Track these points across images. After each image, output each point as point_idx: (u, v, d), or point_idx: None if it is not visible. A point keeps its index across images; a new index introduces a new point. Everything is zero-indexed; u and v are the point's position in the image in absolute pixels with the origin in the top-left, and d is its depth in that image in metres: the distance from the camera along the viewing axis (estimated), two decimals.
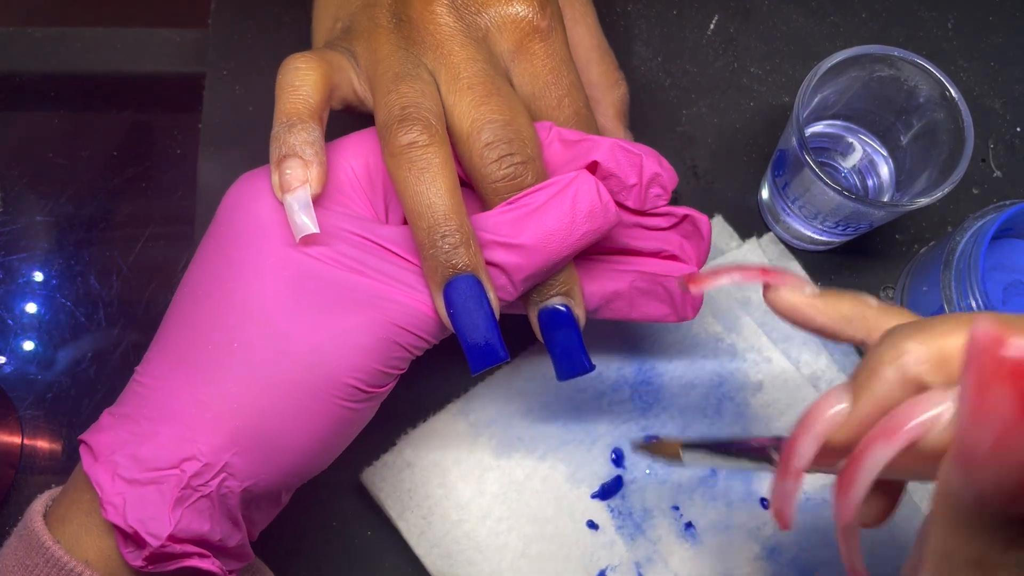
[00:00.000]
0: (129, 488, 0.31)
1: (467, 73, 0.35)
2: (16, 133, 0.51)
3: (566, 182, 0.33)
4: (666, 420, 0.43)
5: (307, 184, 0.33)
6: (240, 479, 0.32)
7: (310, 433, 0.33)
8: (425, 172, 0.32)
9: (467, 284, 0.32)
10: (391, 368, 0.34)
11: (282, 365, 0.32)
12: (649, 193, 0.36)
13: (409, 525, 0.42)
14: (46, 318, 0.48)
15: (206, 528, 0.31)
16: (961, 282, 0.41)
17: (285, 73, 0.35)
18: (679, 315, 0.38)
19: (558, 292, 0.35)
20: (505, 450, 0.43)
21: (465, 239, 0.32)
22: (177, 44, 0.52)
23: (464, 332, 0.33)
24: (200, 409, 0.32)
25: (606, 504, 0.43)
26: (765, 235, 0.47)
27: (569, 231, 0.33)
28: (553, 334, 0.35)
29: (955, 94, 0.41)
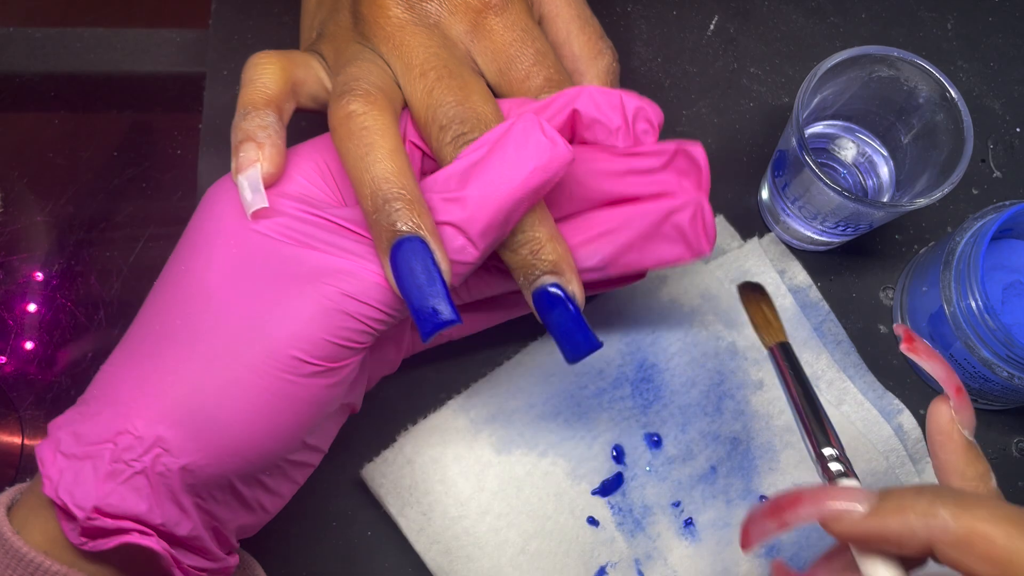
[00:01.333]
0: (66, 463, 0.31)
1: (418, 60, 0.35)
2: (16, 133, 0.51)
3: (507, 126, 0.33)
4: (666, 417, 0.43)
5: (257, 163, 0.33)
6: (176, 455, 0.31)
7: (250, 408, 0.31)
8: (362, 139, 0.32)
9: (411, 247, 0.31)
10: (341, 340, 0.32)
11: (219, 338, 0.31)
12: (637, 130, 0.35)
13: (409, 521, 0.42)
14: (46, 318, 0.48)
15: (142, 508, 0.31)
16: (961, 282, 0.41)
17: (246, 69, 0.35)
18: (695, 251, 0.36)
19: (545, 270, 0.34)
20: (505, 446, 0.43)
21: (409, 202, 0.31)
22: (177, 44, 0.52)
23: (409, 296, 0.31)
24: (137, 386, 0.31)
25: (606, 501, 0.43)
26: (766, 235, 0.47)
27: (515, 172, 0.32)
28: (549, 316, 0.34)
29: (955, 95, 0.41)
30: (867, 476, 0.43)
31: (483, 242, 0.33)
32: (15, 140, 0.51)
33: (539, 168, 0.32)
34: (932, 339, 0.44)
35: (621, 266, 0.36)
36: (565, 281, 0.34)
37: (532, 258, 0.34)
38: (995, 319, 0.39)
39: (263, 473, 0.34)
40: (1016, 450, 0.46)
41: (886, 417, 0.44)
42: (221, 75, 0.50)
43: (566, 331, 0.34)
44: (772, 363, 0.36)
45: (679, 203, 0.35)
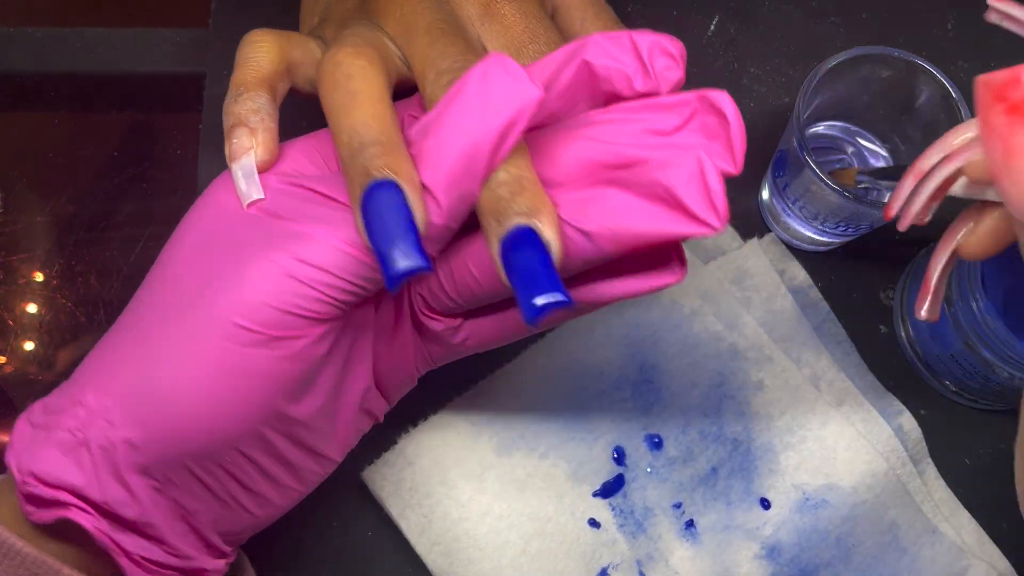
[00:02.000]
0: (30, 431, 0.31)
1: (422, 22, 0.33)
2: (16, 133, 0.51)
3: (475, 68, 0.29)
4: (667, 418, 0.43)
5: (251, 151, 0.32)
6: (119, 428, 0.30)
7: (192, 379, 0.30)
8: (347, 86, 0.30)
9: (384, 192, 0.28)
10: (291, 308, 0.29)
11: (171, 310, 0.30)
12: (657, 68, 0.30)
13: (410, 523, 0.42)
14: (46, 318, 0.48)
15: (80, 481, 0.30)
16: (961, 283, 0.41)
17: (241, 47, 0.35)
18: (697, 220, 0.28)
19: (519, 212, 0.29)
20: (506, 448, 0.43)
21: (386, 147, 0.29)
22: (177, 44, 0.52)
23: (375, 239, 0.28)
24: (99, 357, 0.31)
25: (607, 502, 0.43)
26: (766, 235, 0.47)
27: (480, 116, 0.28)
28: (514, 260, 0.28)
29: (955, 94, 0.41)
30: (867, 477, 0.43)
31: (446, 198, 0.29)
32: (15, 140, 0.51)
33: (501, 106, 0.28)
34: (932, 339, 0.44)
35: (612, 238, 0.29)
36: (541, 226, 0.29)
37: (508, 198, 0.29)
38: (995, 319, 0.39)
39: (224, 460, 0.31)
40: None
41: (886, 418, 0.44)
42: (221, 75, 0.50)
43: (531, 276, 0.28)
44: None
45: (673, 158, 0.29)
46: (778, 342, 0.45)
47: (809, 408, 0.44)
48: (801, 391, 0.44)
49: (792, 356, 0.45)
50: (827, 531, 0.42)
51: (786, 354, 0.45)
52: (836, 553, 0.42)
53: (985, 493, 0.45)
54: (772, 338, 0.45)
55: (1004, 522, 0.44)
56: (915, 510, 0.43)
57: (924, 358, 0.45)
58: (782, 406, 0.44)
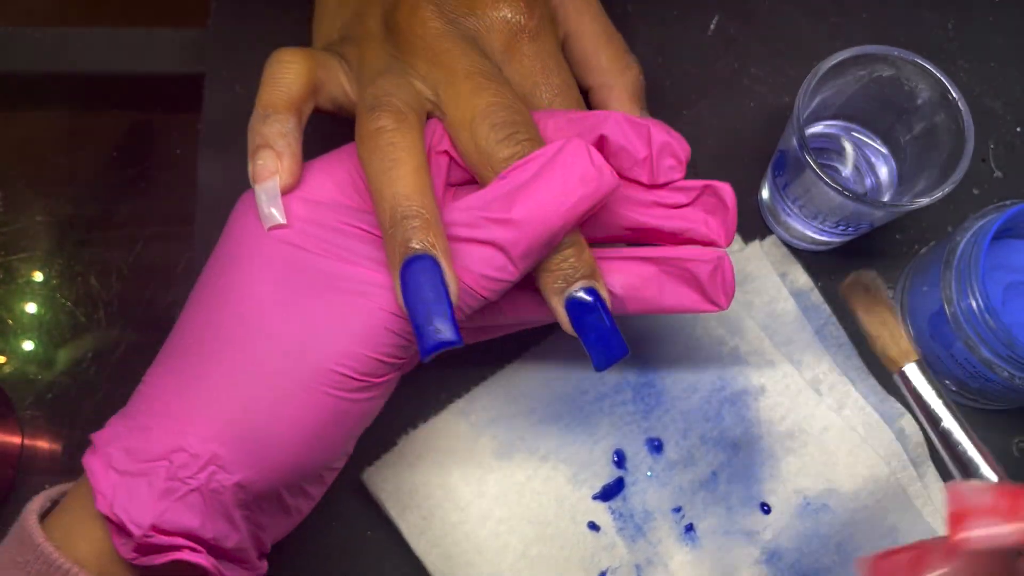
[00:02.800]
0: (120, 479, 0.31)
1: (462, 65, 0.35)
2: (16, 133, 0.51)
3: (555, 149, 0.33)
4: (668, 422, 0.43)
5: (276, 176, 0.33)
6: (230, 471, 0.32)
7: (300, 424, 0.32)
8: (389, 155, 0.32)
9: (421, 265, 0.31)
10: (385, 356, 0.33)
11: (267, 355, 0.32)
12: (661, 165, 0.35)
13: (409, 525, 0.42)
14: (46, 318, 0.48)
15: (196, 523, 0.31)
16: (961, 282, 0.41)
17: (270, 65, 0.35)
18: (711, 301, 0.36)
19: (581, 275, 0.34)
20: (506, 451, 0.43)
21: (425, 221, 0.31)
22: (177, 44, 0.52)
23: (414, 314, 0.31)
24: (188, 402, 0.32)
25: (607, 506, 0.42)
26: (768, 238, 0.47)
27: (562, 199, 0.32)
28: (584, 321, 0.34)
29: (955, 94, 0.41)
30: (869, 482, 0.43)
31: (523, 263, 0.33)
32: (15, 140, 0.51)
33: (587, 195, 0.32)
34: (932, 339, 0.44)
35: (636, 303, 0.36)
36: (599, 286, 0.34)
37: (567, 267, 0.34)
38: (996, 319, 0.39)
39: (307, 482, 0.35)
40: (1016, 450, 0.46)
41: (887, 421, 0.44)
42: (221, 75, 0.50)
43: (600, 337, 0.34)
44: (902, 388, 0.34)
45: (699, 257, 0.36)
46: (780, 346, 0.45)
47: (810, 412, 0.44)
48: (802, 395, 0.44)
49: (793, 360, 0.45)
50: (827, 536, 0.42)
51: (787, 358, 0.45)
52: (836, 558, 0.42)
53: None
54: (774, 342, 0.45)
55: None
56: (915, 514, 0.43)
57: (924, 358, 0.45)
58: (783, 410, 0.44)
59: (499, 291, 0.33)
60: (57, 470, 0.46)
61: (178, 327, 0.34)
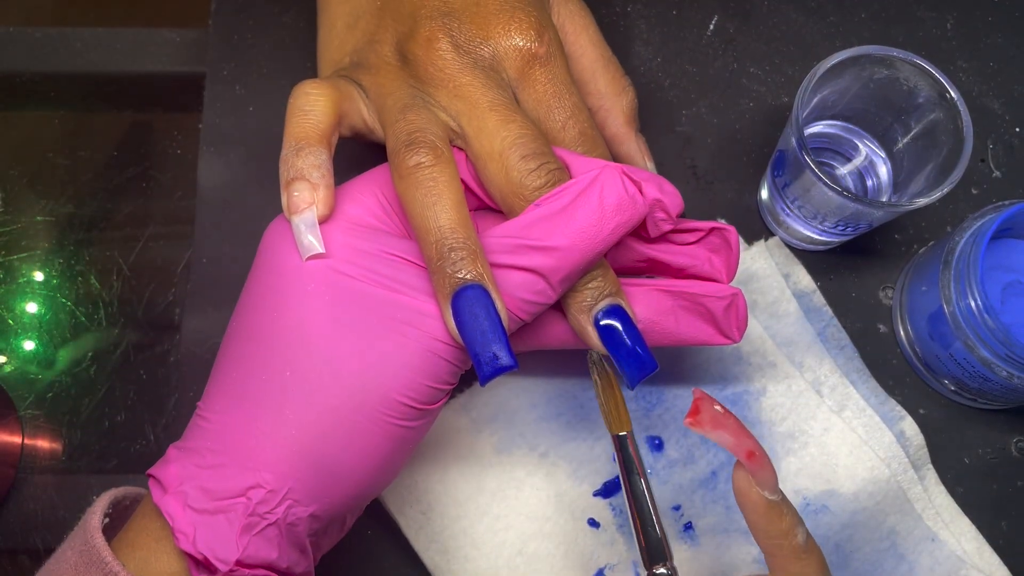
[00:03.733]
0: (199, 517, 0.32)
1: (485, 99, 0.36)
2: (16, 133, 0.51)
3: (592, 178, 0.34)
4: (668, 421, 0.43)
5: (313, 206, 0.34)
6: (305, 504, 0.33)
7: (369, 454, 0.33)
8: (431, 190, 0.33)
9: (473, 294, 0.33)
10: (440, 383, 0.34)
11: (334, 389, 0.33)
12: (653, 218, 0.36)
13: (408, 520, 0.42)
14: (46, 318, 0.48)
15: (274, 555, 0.32)
16: (960, 282, 0.41)
17: (296, 97, 0.36)
18: (725, 335, 0.38)
19: (607, 294, 0.35)
20: (506, 447, 0.43)
21: (471, 252, 0.33)
22: (177, 44, 0.52)
23: (471, 342, 0.33)
24: (260, 439, 0.32)
25: (608, 502, 0.43)
26: (772, 238, 0.47)
27: (600, 226, 0.34)
28: (615, 337, 0.35)
29: (954, 94, 0.41)
30: (869, 484, 0.43)
31: (562, 287, 0.34)
32: (15, 140, 0.51)
33: (623, 223, 0.34)
34: (931, 339, 0.44)
35: (654, 335, 0.38)
36: (624, 304, 0.36)
37: (594, 287, 0.35)
38: (994, 319, 0.39)
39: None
40: (1016, 450, 0.46)
41: (888, 424, 0.44)
42: (221, 75, 0.50)
43: (630, 352, 0.35)
44: (615, 452, 0.37)
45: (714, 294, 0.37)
46: (781, 347, 0.45)
47: (811, 414, 0.44)
48: (803, 396, 0.44)
49: (795, 361, 0.45)
50: (826, 537, 0.42)
51: (789, 359, 0.45)
52: (835, 559, 0.42)
53: (984, 492, 0.45)
54: (776, 343, 0.45)
55: (1003, 521, 0.45)
56: (915, 517, 0.43)
57: (923, 358, 0.45)
58: (784, 411, 0.44)
59: (536, 313, 0.35)
60: (57, 470, 0.46)
61: (229, 358, 0.35)
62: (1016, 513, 0.45)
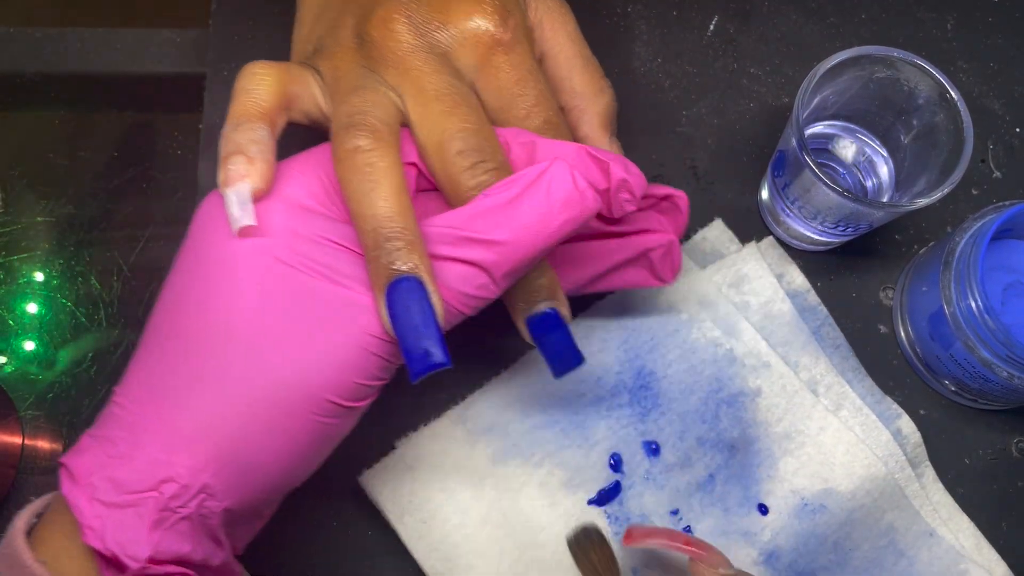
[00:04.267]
0: (107, 511, 0.30)
1: (432, 86, 0.35)
2: (16, 133, 0.51)
3: (540, 171, 0.33)
4: (664, 425, 0.43)
5: (247, 179, 0.32)
6: (220, 499, 0.32)
7: (289, 450, 0.32)
8: (368, 175, 0.32)
9: (408, 287, 0.31)
10: (369, 380, 0.33)
11: (258, 384, 0.31)
12: (618, 198, 0.35)
13: (407, 528, 0.42)
14: (46, 318, 0.48)
15: (187, 549, 0.31)
16: (960, 282, 0.41)
17: (241, 78, 0.35)
18: (659, 278, 0.39)
19: (544, 297, 0.35)
20: (502, 456, 0.43)
21: (409, 242, 0.32)
22: (177, 44, 0.52)
23: (402, 335, 0.31)
24: (177, 431, 0.31)
25: (603, 510, 0.42)
26: (764, 239, 0.47)
27: (547, 221, 0.32)
28: (545, 338, 0.35)
29: (955, 95, 0.41)
30: (867, 482, 0.43)
31: (505, 282, 0.33)
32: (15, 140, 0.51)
33: (571, 219, 0.33)
34: (932, 339, 0.44)
35: (592, 287, 0.39)
36: (559, 304, 0.36)
37: (532, 288, 0.35)
38: (995, 319, 0.39)
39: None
40: (1016, 450, 0.46)
41: (885, 422, 0.44)
42: (221, 75, 0.50)
43: (558, 352, 0.35)
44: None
45: (655, 243, 0.38)
46: (776, 347, 0.45)
47: (807, 413, 0.44)
48: (799, 396, 0.44)
49: (790, 361, 0.45)
50: (825, 536, 0.42)
51: (784, 359, 0.45)
52: (834, 558, 0.42)
53: (984, 492, 0.45)
54: (770, 343, 0.45)
55: (1003, 522, 0.45)
56: (913, 513, 0.43)
57: (924, 358, 0.45)
58: (780, 412, 0.44)
59: (478, 307, 0.34)
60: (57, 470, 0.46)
61: (151, 343, 0.33)
62: (1017, 514, 0.45)
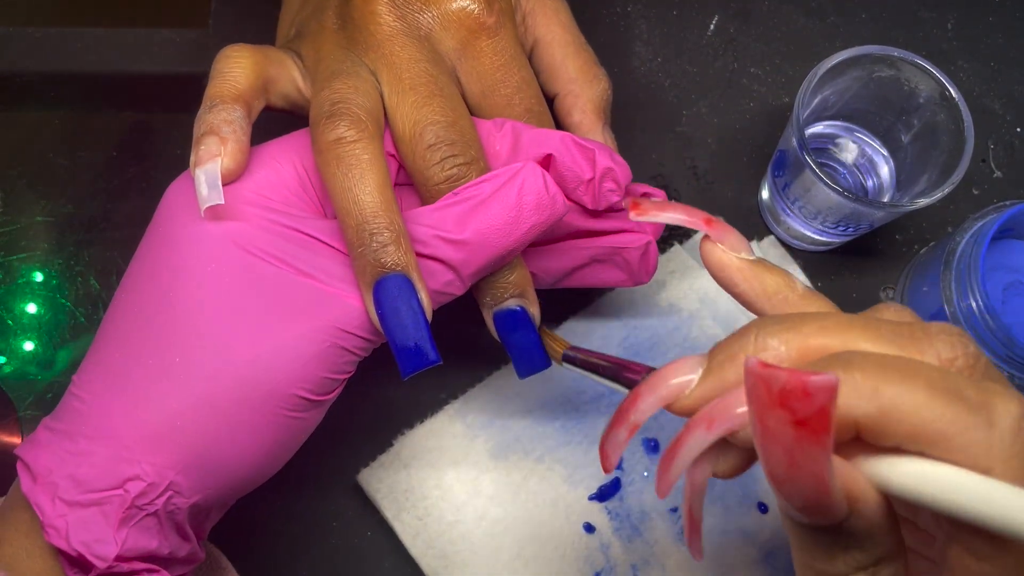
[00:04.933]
0: (70, 510, 0.30)
1: (408, 74, 0.34)
2: (16, 133, 0.51)
3: (511, 173, 0.33)
4: (664, 422, 0.43)
5: (219, 158, 0.32)
6: (187, 496, 0.31)
7: (256, 446, 0.32)
8: (352, 168, 0.32)
9: (396, 284, 0.31)
10: (337, 373, 0.33)
11: (225, 379, 0.31)
12: (603, 188, 0.35)
13: (405, 526, 0.42)
14: (46, 318, 0.48)
15: (154, 545, 0.31)
16: (961, 282, 0.41)
17: (217, 61, 0.34)
18: (635, 280, 0.39)
19: (512, 294, 0.35)
20: (502, 452, 0.43)
21: (395, 237, 0.31)
22: (177, 44, 0.52)
23: (392, 333, 0.31)
24: (140, 427, 0.31)
25: (603, 506, 0.42)
26: (765, 238, 0.47)
27: (515, 224, 0.33)
28: (510, 336, 0.35)
29: (955, 94, 0.41)
30: None
31: (471, 280, 0.34)
32: (15, 140, 0.51)
33: (539, 222, 0.33)
34: None
35: (567, 281, 0.39)
36: (527, 303, 0.35)
37: (502, 284, 0.35)
38: (995, 319, 0.39)
39: None
40: None
41: None
42: None
43: (523, 351, 0.35)
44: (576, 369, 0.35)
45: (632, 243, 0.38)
46: None
47: None
48: None
49: None
50: None
51: None
52: None
53: None
54: None
55: None
56: None
57: None
58: None
59: (443, 303, 0.34)
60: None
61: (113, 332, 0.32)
62: None
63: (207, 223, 0.32)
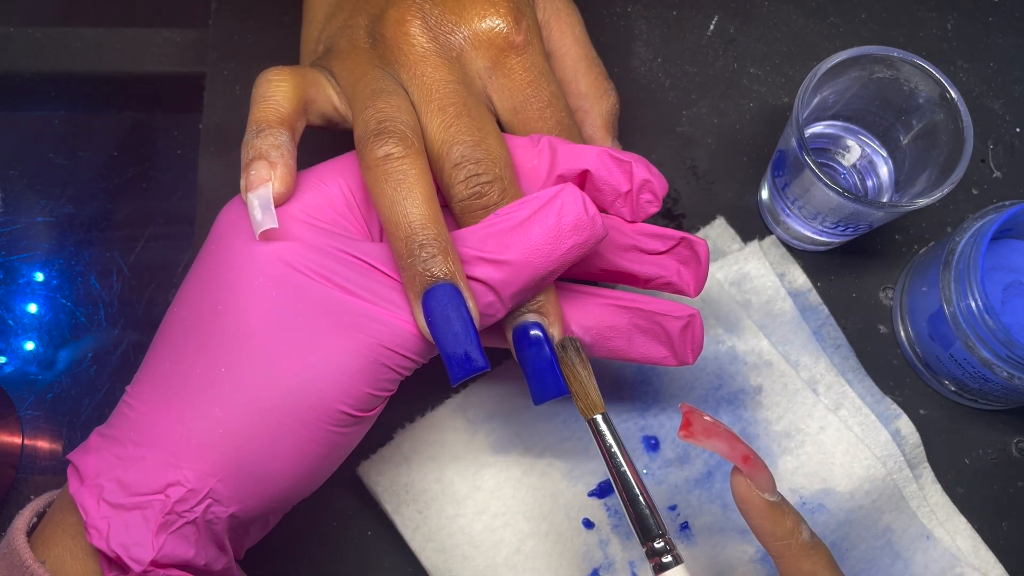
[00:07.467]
0: (113, 512, 0.31)
1: (438, 94, 0.35)
2: (16, 133, 0.51)
3: (551, 195, 0.33)
4: (664, 420, 0.43)
5: (270, 183, 0.33)
6: (226, 505, 0.32)
7: (298, 459, 0.32)
8: (401, 183, 0.33)
9: (445, 293, 0.32)
10: (380, 391, 0.33)
11: (270, 391, 0.32)
12: (640, 199, 0.36)
13: (405, 519, 0.42)
14: (46, 318, 0.48)
15: (191, 554, 0.31)
16: (960, 282, 0.41)
17: (259, 85, 0.35)
18: (679, 359, 0.38)
19: (532, 309, 0.35)
20: (503, 446, 0.43)
21: (443, 248, 0.32)
22: (177, 44, 0.52)
23: (443, 342, 0.32)
24: (186, 435, 0.31)
25: (603, 502, 0.43)
26: (767, 238, 0.47)
27: (555, 245, 0.33)
28: (525, 353, 0.35)
29: (955, 95, 0.41)
30: (865, 483, 0.43)
31: (512, 302, 0.34)
32: (15, 140, 0.51)
33: (579, 244, 0.33)
34: (932, 339, 0.44)
35: (605, 350, 0.37)
36: (548, 323, 0.35)
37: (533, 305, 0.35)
38: (995, 319, 0.39)
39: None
40: (1016, 450, 0.46)
41: (884, 422, 0.44)
42: (221, 75, 0.50)
43: (537, 370, 0.35)
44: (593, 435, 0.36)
45: (673, 313, 0.37)
46: (777, 345, 0.45)
47: (807, 412, 0.44)
48: (799, 395, 0.44)
49: (791, 360, 0.45)
50: (822, 535, 0.42)
51: (784, 358, 0.45)
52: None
53: (984, 493, 0.45)
54: (771, 342, 0.45)
55: (1004, 522, 0.44)
56: (910, 515, 0.43)
57: (923, 358, 0.45)
58: (780, 410, 0.44)
59: (486, 325, 0.34)
60: (57, 470, 0.46)
61: (165, 344, 0.34)
62: (1017, 514, 0.45)
63: (257, 242, 0.33)
